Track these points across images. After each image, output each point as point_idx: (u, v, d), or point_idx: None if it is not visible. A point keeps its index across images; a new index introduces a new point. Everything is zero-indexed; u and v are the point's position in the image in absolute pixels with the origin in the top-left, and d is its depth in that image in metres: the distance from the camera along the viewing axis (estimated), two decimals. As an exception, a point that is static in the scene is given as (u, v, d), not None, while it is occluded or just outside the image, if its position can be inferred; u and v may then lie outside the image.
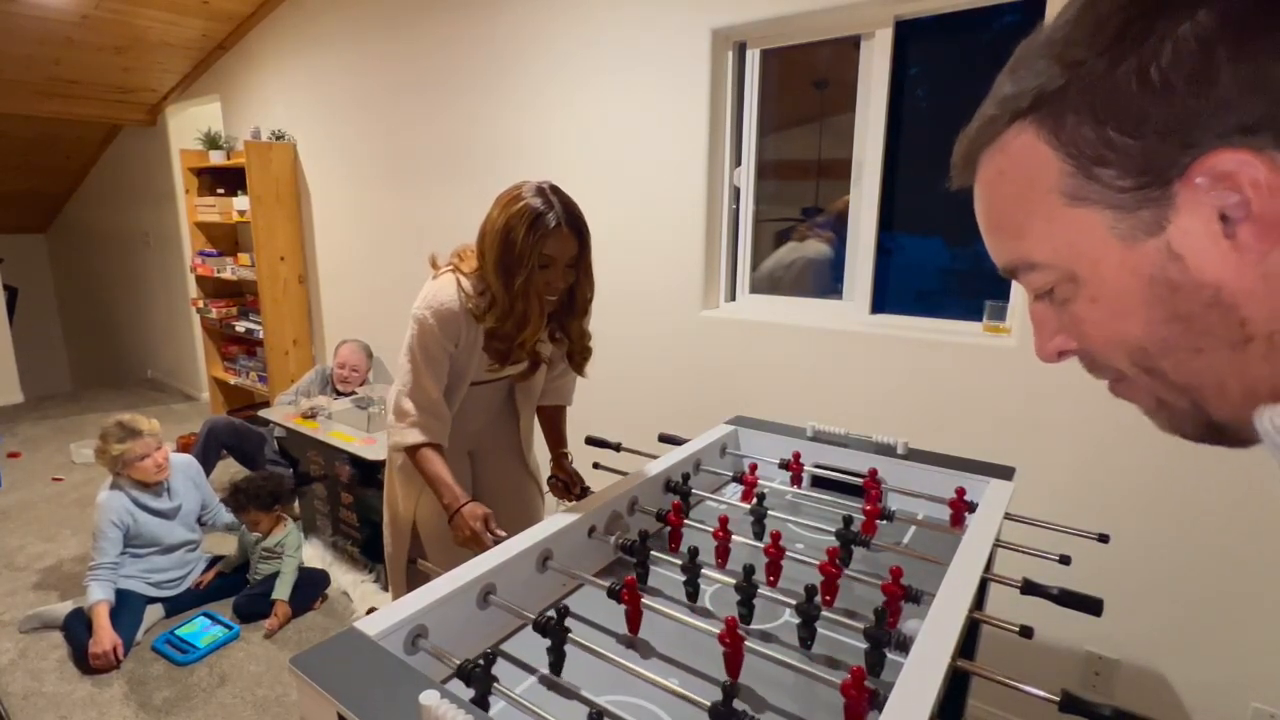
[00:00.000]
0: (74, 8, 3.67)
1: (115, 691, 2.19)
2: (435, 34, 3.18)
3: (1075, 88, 0.38)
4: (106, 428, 2.52)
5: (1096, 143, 0.38)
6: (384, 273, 3.77)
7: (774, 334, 2.34)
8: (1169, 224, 0.37)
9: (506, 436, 1.77)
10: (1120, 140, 0.37)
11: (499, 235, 1.37)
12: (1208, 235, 0.36)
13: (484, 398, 1.65)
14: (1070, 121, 0.38)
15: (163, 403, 5.47)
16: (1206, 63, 0.34)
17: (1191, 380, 0.40)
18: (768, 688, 0.94)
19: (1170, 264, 0.37)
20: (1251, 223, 0.34)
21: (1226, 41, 0.34)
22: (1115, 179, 0.37)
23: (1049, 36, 0.40)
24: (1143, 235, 0.38)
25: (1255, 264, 0.35)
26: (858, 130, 2.17)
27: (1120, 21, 0.36)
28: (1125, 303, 0.40)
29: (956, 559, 1.07)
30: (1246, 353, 0.37)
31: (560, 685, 0.93)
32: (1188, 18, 0.34)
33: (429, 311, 1.44)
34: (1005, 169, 0.43)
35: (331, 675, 0.80)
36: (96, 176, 6.09)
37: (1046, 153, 0.40)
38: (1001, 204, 0.44)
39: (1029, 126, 0.40)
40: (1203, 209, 0.35)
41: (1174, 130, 0.35)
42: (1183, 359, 0.39)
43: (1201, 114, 0.34)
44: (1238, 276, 0.35)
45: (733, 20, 2.26)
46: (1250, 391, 0.38)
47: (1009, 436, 1.92)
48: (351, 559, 2.93)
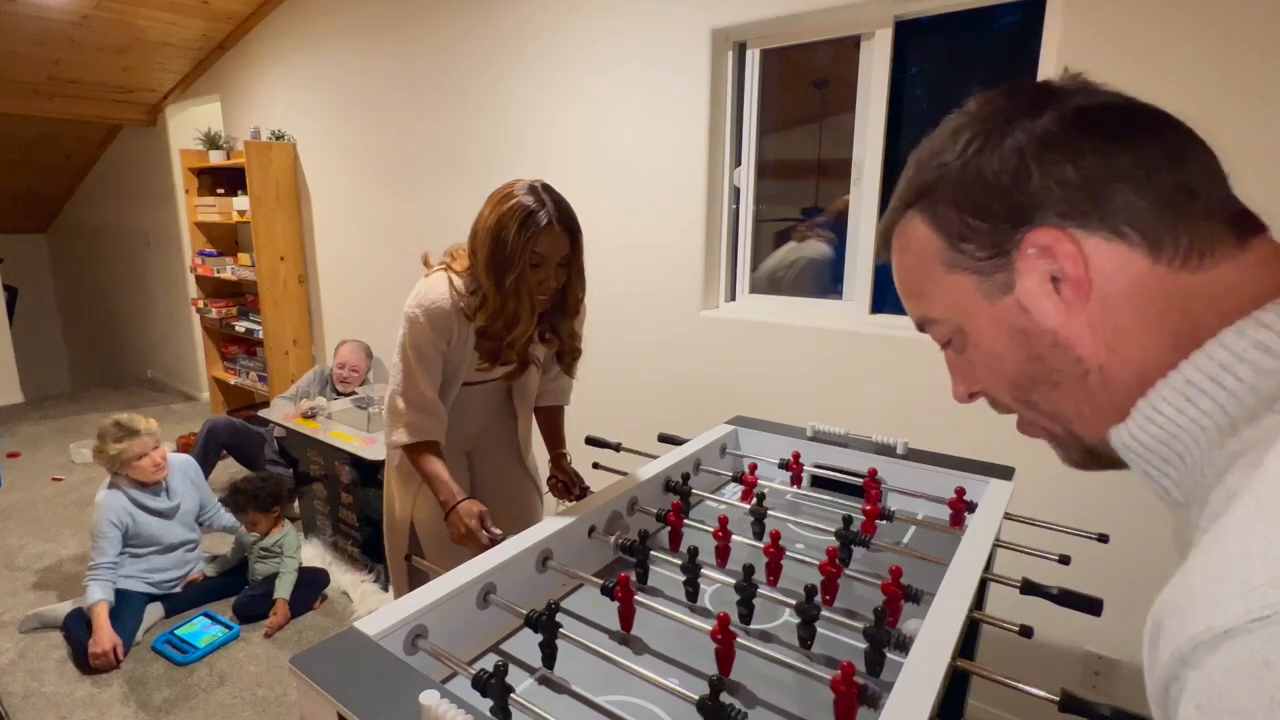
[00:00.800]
0: (74, 8, 3.67)
1: (115, 691, 2.19)
2: (435, 34, 3.18)
3: (942, 184, 0.49)
4: (104, 427, 2.52)
5: (958, 224, 0.49)
6: (384, 273, 3.77)
7: (774, 334, 2.34)
8: (1016, 285, 0.47)
9: (504, 437, 1.76)
10: (974, 222, 0.48)
11: (490, 233, 1.36)
12: (1043, 293, 0.46)
13: (481, 398, 1.64)
14: (940, 209, 0.50)
15: (163, 403, 5.47)
16: (1020, 166, 0.45)
17: (1057, 409, 0.50)
18: (767, 688, 0.94)
19: (1021, 315, 0.48)
20: (1068, 283, 0.45)
21: (1033, 151, 0.45)
22: (975, 251, 0.48)
23: (931, 146, 0.51)
24: (999, 294, 0.48)
25: (1079, 313, 0.45)
26: (858, 130, 2.17)
27: (970, 134, 0.48)
28: (996, 347, 0.50)
29: (956, 559, 1.07)
30: (1087, 383, 0.47)
31: (561, 685, 0.94)
32: (1012, 132, 0.46)
33: (420, 310, 1.43)
34: (905, 245, 0.54)
35: (331, 675, 0.80)
36: (96, 176, 6.09)
37: (928, 232, 0.51)
38: (905, 272, 0.55)
39: (916, 214, 0.52)
40: (1036, 273, 0.46)
41: (1008, 216, 0.46)
42: (1046, 391, 0.49)
43: (1024, 204, 0.45)
44: (1068, 323, 0.46)
45: (733, 20, 2.26)
46: (1100, 414, 0.47)
47: (1009, 436, 1.91)
48: (351, 559, 2.93)
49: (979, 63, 2.03)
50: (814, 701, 0.91)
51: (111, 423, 2.52)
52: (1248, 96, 1.51)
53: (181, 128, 5.01)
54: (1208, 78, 1.54)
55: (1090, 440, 0.49)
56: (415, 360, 1.46)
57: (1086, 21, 1.68)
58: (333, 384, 3.46)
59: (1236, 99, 1.52)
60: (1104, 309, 0.44)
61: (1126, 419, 0.45)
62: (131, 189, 5.64)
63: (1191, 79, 1.56)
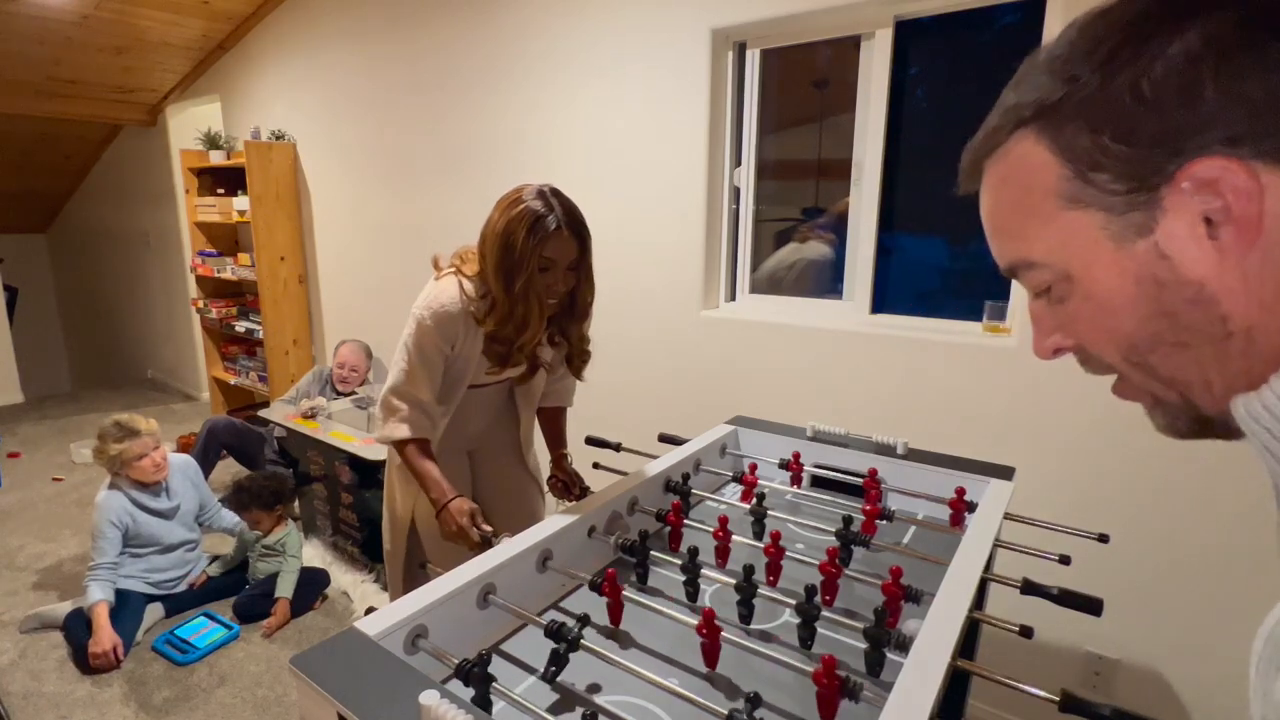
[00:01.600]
0: (74, 8, 3.67)
1: (115, 691, 2.19)
2: (435, 34, 3.18)
3: (1073, 100, 0.41)
4: (104, 428, 2.52)
5: (1092, 150, 0.41)
6: (384, 273, 3.77)
7: (774, 334, 2.34)
8: (1157, 226, 0.39)
9: (506, 437, 1.77)
10: (1114, 148, 0.40)
11: (499, 238, 1.36)
12: (1192, 237, 0.38)
13: (484, 399, 1.65)
14: (1068, 130, 0.42)
15: (163, 403, 5.47)
16: (1193, 79, 0.37)
17: (1178, 374, 0.43)
18: (768, 687, 0.93)
19: (1158, 263, 0.40)
20: (1232, 225, 0.37)
21: (1211, 60, 0.37)
22: (1109, 183, 0.40)
23: (1050, 53, 0.43)
24: (1133, 236, 0.40)
25: (1235, 264, 0.38)
26: (858, 130, 2.17)
27: (1116, 41, 0.40)
28: (1116, 300, 0.42)
29: (956, 559, 1.07)
30: (1227, 347, 0.40)
31: (561, 685, 0.93)
32: (1177, 38, 0.38)
33: (428, 313, 1.44)
34: (1007, 175, 0.46)
35: (331, 675, 0.80)
36: (96, 176, 6.09)
37: (1045, 158, 0.43)
38: (1003, 207, 0.47)
39: (1030, 134, 0.43)
40: (1188, 213, 0.38)
41: (1163, 140, 0.38)
42: (1169, 353, 0.42)
43: (1188, 125, 0.37)
44: (1219, 275, 0.38)
45: (733, 20, 2.26)
46: (1230, 385, 0.40)
47: (1009, 436, 1.92)
48: (351, 559, 2.93)
49: (979, 63, 2.03)
50: (814, 701, 0.91)
51: (112, 423, 2.52)
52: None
53: (181, 128, 5.01)
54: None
55: (1208, 411, 0.43)
56: (417, 361, 1.46)
57: (1086, 21, 1.67)
58: (332, 384, 3.46)
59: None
60: (1268, 259, 0.37)
61: (1260, 387, 0.39)
62: (131, 189, 5.64)
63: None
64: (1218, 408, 0.42)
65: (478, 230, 1.45)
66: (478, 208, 1.45)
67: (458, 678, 0.85)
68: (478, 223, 1.45)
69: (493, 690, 0.84)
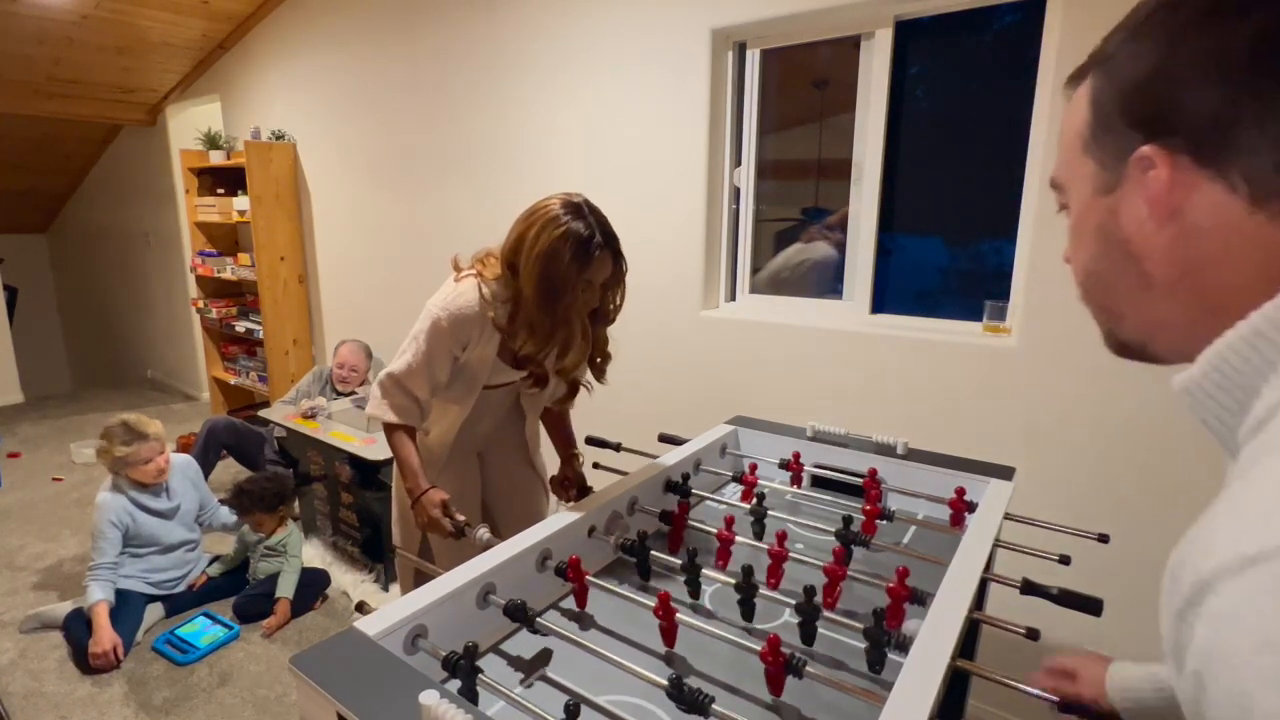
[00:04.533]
0: (74, 8, 3.67)
1: (115, 691, 2.19)
2: (435, 34, 3.18)
3: (1116, 61, 0.48)
4: (111, 428, 2.50)
5: (1109, 110, 0.48)
6: (384, 273, 3.77)
7: (774, 334, 2.34)
8: (1118, 189, 0.48)
9: (513, 438, 1.78)
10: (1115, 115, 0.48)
11: (541, 260, 1.32)
12: (1135, 205, 0.47)
13: (494, 401, 1.66)
14: (1105, 86, 0.49)
15: (163, 403, 5.47)
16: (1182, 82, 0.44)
17: (1107, 303, 0.54)
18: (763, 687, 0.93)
19: (1109, 217, 0.50)
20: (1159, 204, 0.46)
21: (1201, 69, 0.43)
22: (1107, 143, 0.49)
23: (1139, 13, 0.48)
24: (1104, 190, 0.50)
25: (1156, 234, 0.47)
26: (858, 130, 2.17)
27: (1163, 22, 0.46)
28: (1084, 234, 0.53)
29: (956, 559, 1.07)
30: (1148, 295, 0.49)
31: (559, 684, 0.94)
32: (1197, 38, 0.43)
33: (444, 313, 1.43)
34: (1070, 107, 0.53)
35: (331, 675, 0.80)
36: (96, 176, 6.09)
37: (1085, 105, 0.51)
38: (1062, 133, 0.55)
39: (1090, 79, 0.51)
40: (1137, 185, 0.47)
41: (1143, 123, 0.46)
42: (1105, 287, 0.53)
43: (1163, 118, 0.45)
44: (1144, 240, 0.47)
45: (733, 20, 2.26)
46: (1147, 323, 0.51)
47: (1009, 436, 1.92)
48: (351, 559, 2.93)
49: (979, 63, 2.03)
50: (815, 701, 0.91)
51: (119, 424, 2.50)
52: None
53: (181, 128, 5.01)
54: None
55: (1127, 337, 0.53)
56: (424, 356, 1.45)
57: (1086, 22, 1.68)
58: (332, 384, 3.46)
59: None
60: (1187, 237, 0.45)
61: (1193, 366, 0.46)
62: (131, 189, 5.64)
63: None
64: (1136, 338, 0.52)
65: (477, 230, 1.45)
66: (478, 207, 1.45)
67: (444, 669, 0.86)
68: (478, 222, 1.45)
69: (492, 690, 0.84)
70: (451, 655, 0.86)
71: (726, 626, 1.07)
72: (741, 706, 0.91)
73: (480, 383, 1.55)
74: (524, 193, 2.88)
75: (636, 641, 1.04)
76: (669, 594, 0.97)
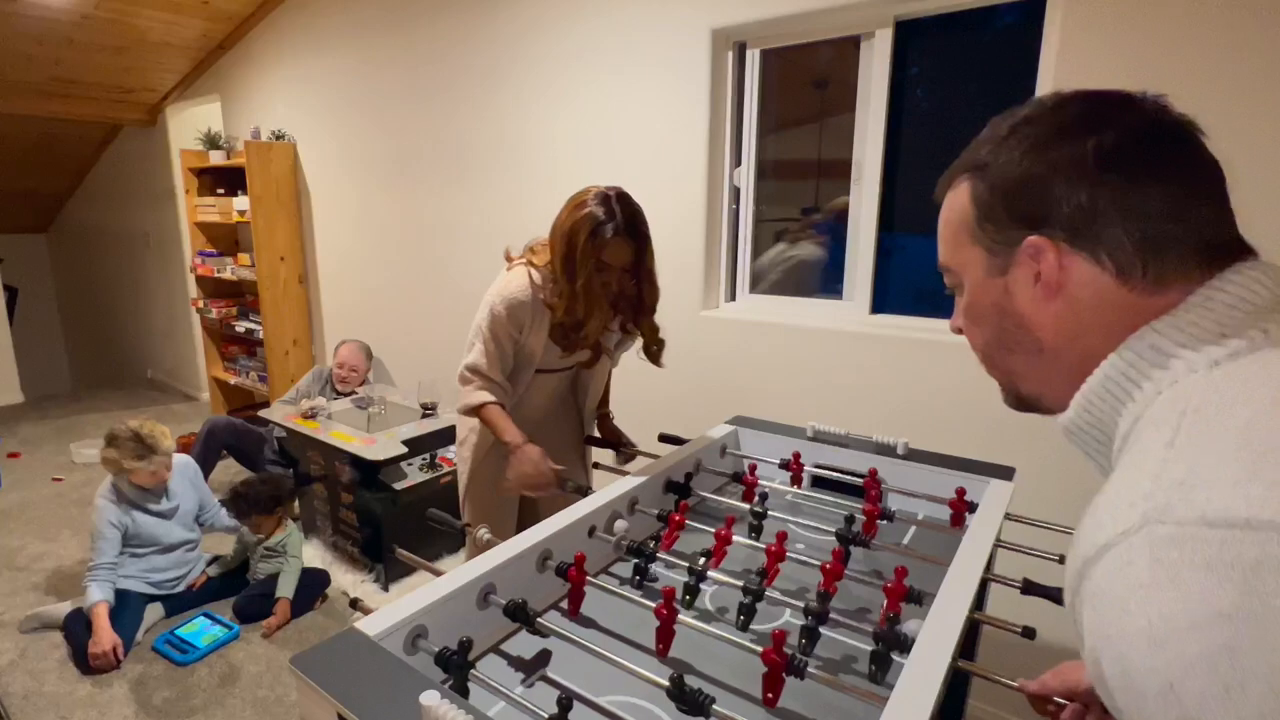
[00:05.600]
0: (74, 8, 3.67)
1: (115, 691, 2.19)
2: (436, 34, 3.18)
3: (993, 167, 0.57)
4: (121, 437, 2.44)
5: (990, 207, 0.58)
6: (384, 273, 3.77)
7: (774, 334, 2.34)
8: (1009, 272, 0.57)
9: (567, 426, 1.86)
10: (999, 211, 0.57)
11: (564, 238, 1.49)
12: (1026, 284, 0.56)
13: (548, 386, 1.75)
14: (983, 187, 0.58)
15: (163, 403, 5.46)
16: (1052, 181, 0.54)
17: (1008, 366, 0.62)
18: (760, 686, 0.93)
19: (1004, 295, 0.58)
20: (1045, 284, 0.55)
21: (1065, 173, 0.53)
22: (993, 233, 0.58)
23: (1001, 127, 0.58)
24: (996, 273, 0.59)
25: (1047, 307, 0.56)
26: (858, 130, 2.17)
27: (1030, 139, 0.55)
28: (980, 311, 0.62)
29: (957, 559, 1.07)
30: (1040, 359, 0.58)
31: (559, 685, 0.93)
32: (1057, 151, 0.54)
33: (500, 301, 1.57)
34: (952, 203, 0.62)
35: (332, 675, 0.80)
36: (96, 176, 6.09)
37: (968, 201, 0.60)
38: (945, 224, 0.64)
39: (966, 181, 0.60)
40: (1026, 268, 0.56)
41: (1024, 215, 0.55)
42: (1004, 354, 0.62)
43: (1040, 211, 0.54)
44: (1036, 313, 0.57)
45: (733, 20, 2.26)
46: (1041, 381, 0.60)
47: (1009, 436, 1.92)
48: (351, 559, 2.93)
49: (979, 63, 2.03)
50: (815, 701, 0.91)
51: (130, 435, 2.44)
52: (1247, 97, 1.51)
53: (181, 128, 5.00)
54: (1207, 79, 1.54)
55: (1026, 394, 0.63)
56: (491, 344, 1.60)
57: (1086, 22, 1.68)
58: (332, 384, 3.46)
59: (1236, 99, 1.52)
60: (1069, 308, 0.55)
61: (1069, 409, 0.57)
62: (131, 189, 5.64)
63: (1191, 80, 1.56)
64: (1033, 393, 0.62)
65: (477, 230, 1.46)
66: (478, 207, 1.46)
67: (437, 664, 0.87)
68: (478, 222, 1.46)
69: (492, 690, 0.84)
70: (445, 650, 0.86)
71: (727, 627, 1.07)
72: (742, 707, 0.91)
73: (535, 364, 1.66)
74: (524, 192, 2.90)
75: (636, 642, 1.04)
76: (674, 590, 0.96)
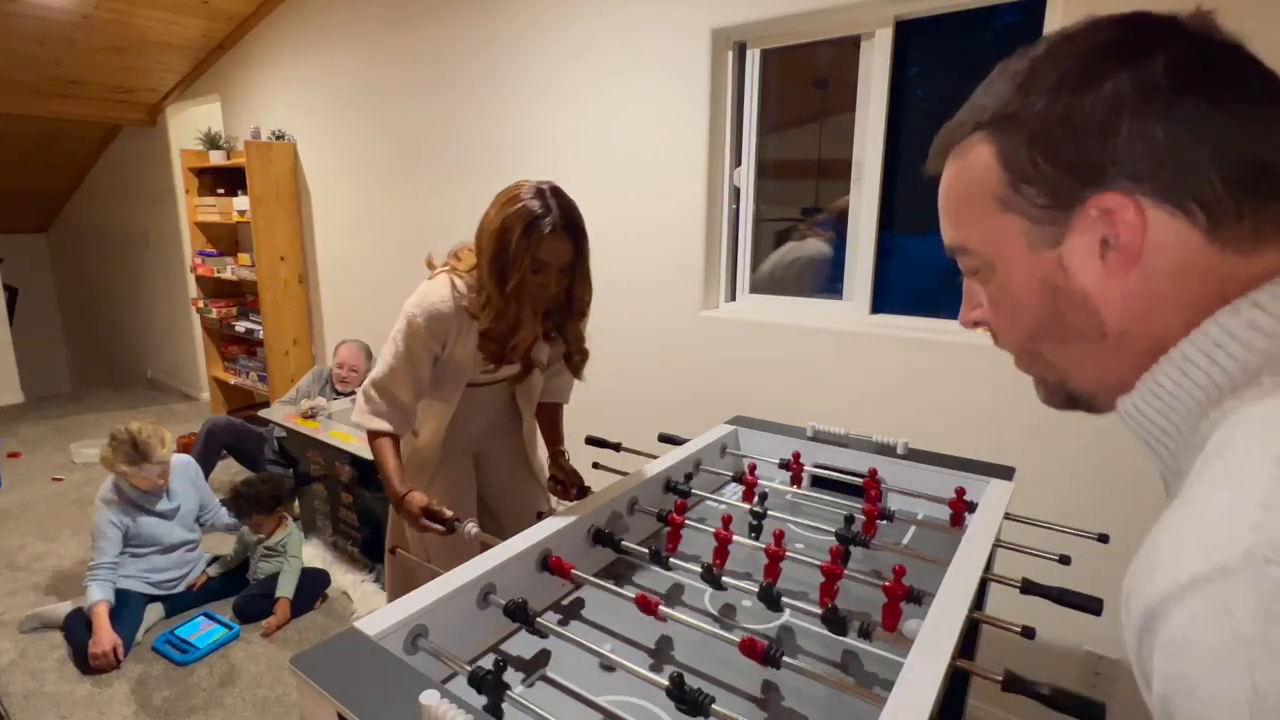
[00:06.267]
0: (74, 8, 3.67)
1: (115, 691, 2.19)
2: (436, 34, 3.18)
3: (1022, 115, 0.47)
4: (119, 441, 2.43)
5: (1027, 164, 0.46)
6: (384, 272, 3.77)
7: (774, 334, 2.34)
8: (1064, 240, 0.46)
9: (510, 439, 1.76)
10: (1043, 166, 0.46)
11: (494, 236, 1.35)
12: (1089, 255, 0.46)
13: (484, 399, 1.64)
14: (1012, 141, 0.47)
15: (163, 403, 5.47)
16: (1114, 117, 0.43)
17: (1059, 361, 0.52)
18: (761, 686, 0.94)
19: (1059, 272, 0.47)
20: (1118, 251, 0.44)
21: (1131, 103, 0.42)
22: (1035, 196, 0.47)
23: (1015, 67, 0.48)
24: (1044, 245, 0.47)
25: (1117, 282, 0.45)
26: (858, 130, 2.17)
27: (1067, 68, 0.45)
28: (1023, 294, 0.50)
29: (956, 559, 1.07)
30: (1102, 346, 0.48)
31: (561, 685, 0.94)
32: (1113, 77, 0.43)
33: (419, 311, 1.43)
34: (962, 167, 0.51)
35: (332, 675, 0.80)
36: (96, 176, 6.09)
37: (991, 161, 0.49)
38: (955, 195, 0.53)
39: (984, 137, 0.49)
40: (1089, 235, 0.45)
41: (1080, 168, 0.44)
42: (1055, 344, 0.51)
43: (1101, 158, 0.44)
44: (1102, 290, 0.46)
45: (733, 20, 2.26)
46: (1100, 374, 0.50)
47: (1009, 436, 1.92)
48: (351, 559, 2.93)
49: (979, 63, 2.02)
50: (814, 700, 0.91)
51: (128, 439, 2.43)
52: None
53: (181, 128, 5.00)
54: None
55: (1079, 391, 0.52)
56: (403, 360, 1.46)
57: (1086, 21, 1.68)
58: (332, 384, 3.46)
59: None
60: (1145, 281, 0.44)
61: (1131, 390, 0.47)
62: (131, 189, 5.64)
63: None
64: (1087, 390, 0.52)
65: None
66: (478, 207, 1.45)
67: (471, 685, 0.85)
68: (477, 222, 1.44)
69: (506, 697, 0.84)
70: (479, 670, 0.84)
71: (730, 628, 1.07)
72: (742, 707, 0.91)
73: (464, 379, 1.54)
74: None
75: (637, 642, 1.04)
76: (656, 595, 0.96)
